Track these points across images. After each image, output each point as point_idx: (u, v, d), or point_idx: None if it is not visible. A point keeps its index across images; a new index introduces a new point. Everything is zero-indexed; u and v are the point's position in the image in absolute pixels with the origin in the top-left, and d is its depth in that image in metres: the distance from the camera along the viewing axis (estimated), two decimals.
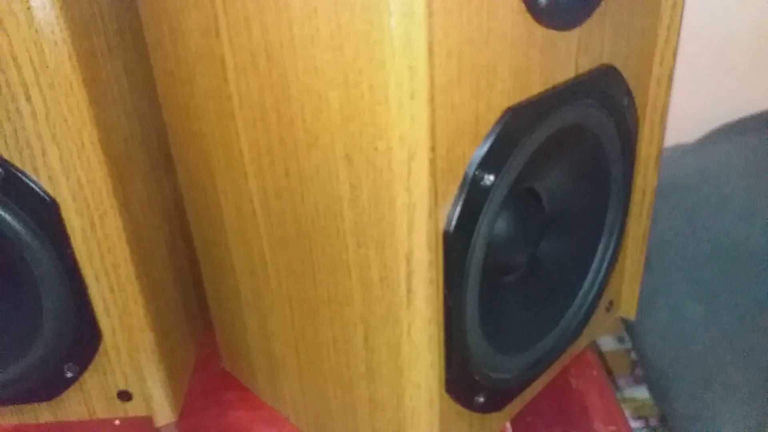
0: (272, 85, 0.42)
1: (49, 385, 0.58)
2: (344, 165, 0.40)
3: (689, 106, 0.86)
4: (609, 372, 0.96)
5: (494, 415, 0.54)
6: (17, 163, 0.49)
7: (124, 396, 0.60)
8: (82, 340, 0.56)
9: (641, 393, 0.93)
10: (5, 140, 0.48)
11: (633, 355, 0.96)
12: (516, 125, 0.41)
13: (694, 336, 0.76)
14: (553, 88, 0.44)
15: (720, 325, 0.75)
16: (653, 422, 0.96)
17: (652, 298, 0.78)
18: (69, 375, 0.58)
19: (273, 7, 0.39)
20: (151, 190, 0.58)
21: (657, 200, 0.62)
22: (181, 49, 0.48)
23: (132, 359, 0.58)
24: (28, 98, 0.47)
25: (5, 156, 0.49)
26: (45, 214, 0.51)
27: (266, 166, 0.46)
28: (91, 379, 0.59)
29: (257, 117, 0.44)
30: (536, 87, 0.43)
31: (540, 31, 0.41)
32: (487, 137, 0.40)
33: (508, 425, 0.60)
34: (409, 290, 0.41)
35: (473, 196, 0.40)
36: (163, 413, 0.61)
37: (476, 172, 0.39)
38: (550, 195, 0.54)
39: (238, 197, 0.51)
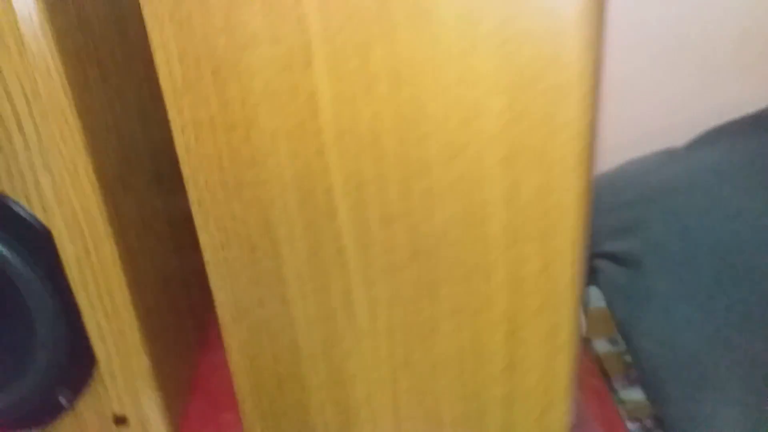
0: (396, 107, 0.40)
1: (43, 412, 0.58)
2: (500, 168, 0.41)
3: (677, 110, 0.86)
4: (604, 374, 0.97)
5: None
6: (9, 193, 0.49)
7: (120, 421, 0.59)
8: (77, 366, 0.56)
9: (636, 394, 0.94)
10: None
11: (627, 357, 0.97)
12: None
13: (687, 338, 0.76)
14: None
15: (713, 327, 0.75)
16: (648, 423, 0.97)
17: (644, 301, 0.78)
18: (63, 401, 0.57)
19: (409, 26, 0.38)
20: (144, 215, 0.58)
21: (648, 204, 0.62)
22: (236, 91, 0.43)
23: (128, 384, 0.58)
24: (21, 129, 0.46)
25: None
26: (38, 244, 0.50)
27: (371, 195, 0.44)
28: (85, 404, 0.58)
29: (363, 146, 0.42)
30: None
31: None
32: None
33: None
34: (574, 274, 0.43)
35: None
36: None
37: None
38: None
39: (315, 240, 0.47)
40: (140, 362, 0.57)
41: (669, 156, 0.91)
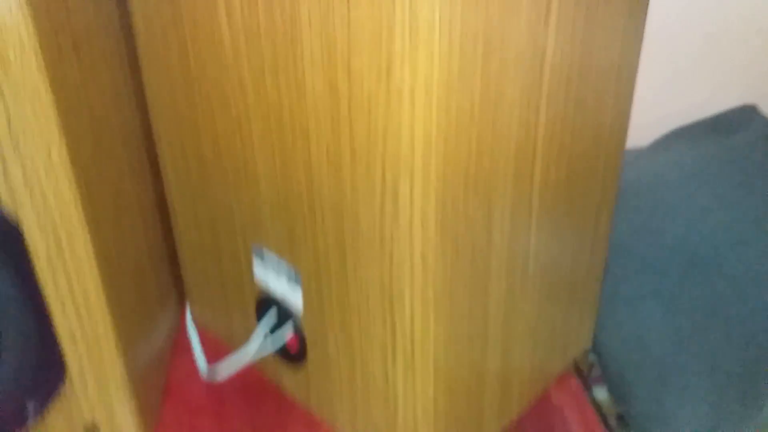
0: None
1: (8, 421, 0.53)
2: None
3: (643, 110, 0.87)
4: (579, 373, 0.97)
5: None
6: None
7: (92, 430, 0.55)
8: (46, 372, 0.51)
9: (599, 394, 0.94)
10: None
11: (591, 358, 0.97)
12: None
13: (652, 338, 0.76)
14: None
15: (678, 327, 0.75)
16: (611, 422, 0.97)
17: (611, 301, 0.78)
18: (30, 410, 0.52)
19: None
20: (118, 205, 0.53)
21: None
22: (497, 56, 0.40)
23: (101, 391, 0.53)
24: None
25: None
26: (4, 235, 0.46)
27: (557, 121, 0.47)
28: (54, 413, 0.54)
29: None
30: None
31: None
32: None
33: None
34: None
35: None
36: None
37: None
38: None
39: (516, 193, 0.46)
40: (114, 368, 0.52)
41: (634, 156, 0.91)
